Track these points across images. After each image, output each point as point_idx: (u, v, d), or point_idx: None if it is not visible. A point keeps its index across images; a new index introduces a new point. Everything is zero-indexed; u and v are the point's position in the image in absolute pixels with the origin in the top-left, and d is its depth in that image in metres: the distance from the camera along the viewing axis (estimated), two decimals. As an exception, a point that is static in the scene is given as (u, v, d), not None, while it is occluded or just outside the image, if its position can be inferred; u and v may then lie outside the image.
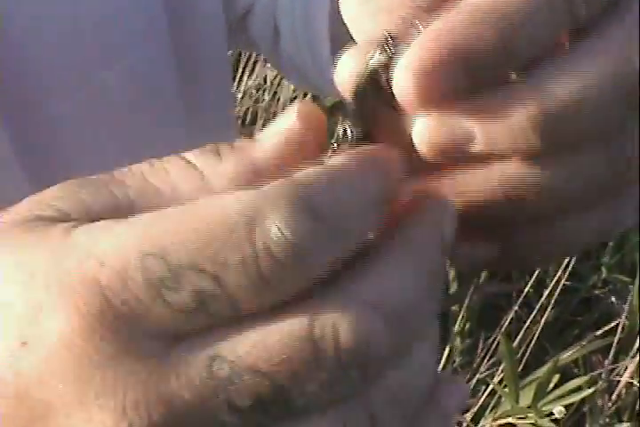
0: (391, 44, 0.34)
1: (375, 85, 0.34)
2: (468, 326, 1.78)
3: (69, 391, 0.30)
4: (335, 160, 0.33)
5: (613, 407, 1.65)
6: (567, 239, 0.36)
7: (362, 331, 0.30)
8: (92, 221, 0.32)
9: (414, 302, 0.31)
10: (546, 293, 1.62)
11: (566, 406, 1.38)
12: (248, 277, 0.30)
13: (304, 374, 0.30)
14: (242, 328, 0.30)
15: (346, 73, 0.35)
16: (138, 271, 0.30)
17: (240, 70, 1.93)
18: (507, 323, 1.63)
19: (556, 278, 1.61)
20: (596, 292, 1.85)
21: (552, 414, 1.36)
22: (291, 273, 0.30)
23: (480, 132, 0.33)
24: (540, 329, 1.61)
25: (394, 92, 0.33)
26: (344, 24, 0.39)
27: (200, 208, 0.31)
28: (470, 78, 0.32)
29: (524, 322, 1.63)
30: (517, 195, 0.34)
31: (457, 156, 0.34)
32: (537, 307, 1.62)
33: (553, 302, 1.61)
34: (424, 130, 0.34)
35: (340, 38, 0.55)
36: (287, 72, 0.68)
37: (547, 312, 1.61)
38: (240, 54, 1.92)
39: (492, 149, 0.33)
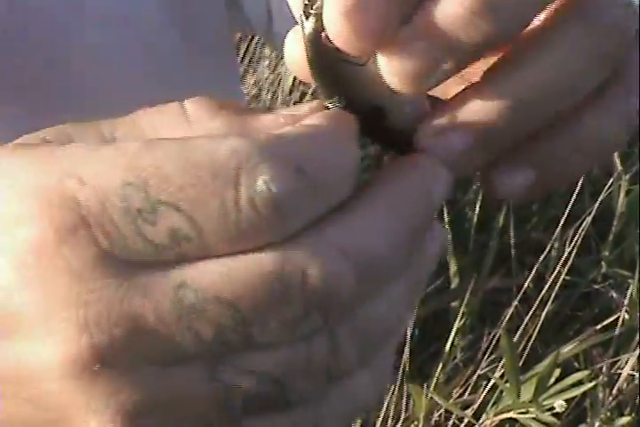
0: (314, 6, 0.33)
1: (322, 49, 0.33)
2: (468, 321, 1.78)
3: (36, 303, 0.30)
4: (318, 120, 0.33)
5: (614, 401, 1.65)
6: (592, 141, 0.35)
7: (329, 273, 0.30)
8: None
9: (387, 254, 0.31)
10: (546, 287, 1.62)
11: (567, 401, 1.38)
12: (225, 225, 0.30)
13: (268, 307, 0.30)
14: (213, 260, 0.31)
15: (292, 53, 0.35)
16: (117, 197, 0.30)
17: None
18: (507, 318, 1.63)
19: (555, 273, 1.61)
20: (596, 286, 1.85)
21: (553, 408, 1.37)
22: (268, 226, 0.30)
23: (437, 45, 0.33)
24: (540, 324, 1.61)
25: (333, 40, 0.32)
26: None
27: (192, 147, 0.30)
28: (399, 4, 0.32)
29: (525, 317, 1.64)
30: (521, 104, 0.34)
31: (435, 79, 0.33)
32: (537, 302, 1.62)
33: (553, 296, 1.61)
34: (390, 66, 0.33)
35: None
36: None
37: (547, 307, 1.61)
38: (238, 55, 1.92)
39: (460, 58, 0.33)
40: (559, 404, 1.33)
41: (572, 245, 1.61)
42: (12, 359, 0.31)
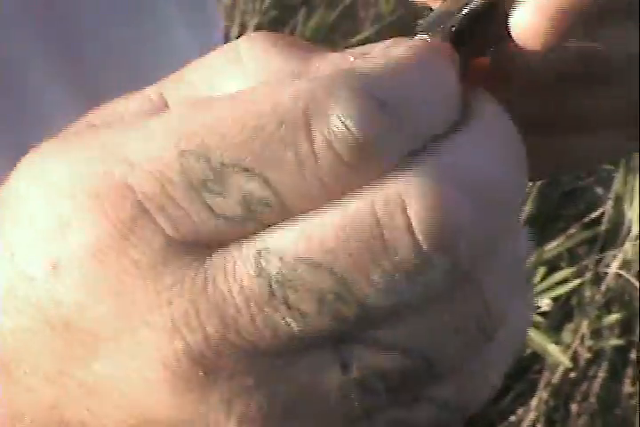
0: None
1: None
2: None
3: (111, 313, 0.26)
4: (398, 48, 0.28)
5: (602, 299, 1.62)
6: None
7: (438, 202, 0.26)
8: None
9: (504, 179, 0.27)
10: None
11: (554, 300, 1.35)
12: (302, 179, 0.26)
13: (370, 261, 0.25)
14: (293, 220, 0.26)
15: None
16: (175, 172, 0.26)
17: None
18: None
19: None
20: (580, 183, 1.81)
21: (539, 307, 1.34)
22: (354, 172, 0.26)
23: None
24: (523, 222, 1.57)
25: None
26: None
27: (244, 96, 0.27)
28: None
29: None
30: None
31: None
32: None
33: (535, 193, 1.57)
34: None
35: None
36: None
37: (529, 205, 1.57)
38: None
39: None
40: (546, 302, 1.30)
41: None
42: (104, 382, 0.27)
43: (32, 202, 0.28)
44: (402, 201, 0.26)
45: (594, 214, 1.65)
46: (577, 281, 1.37)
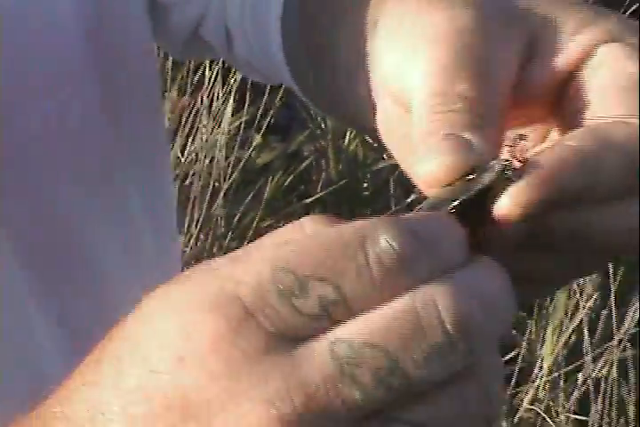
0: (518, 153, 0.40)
1: (485, 194, 0.39)
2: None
3: (223, 391, 0.34)
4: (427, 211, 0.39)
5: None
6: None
7: (458, 301, 0.34)
8: None
9: (501, 296, 0.36)
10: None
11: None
12: (362, 283, 0.35)
13: (413, 343, 0.34)
14: (356, 316, 0.35)
15: (434, 173, 0.41)
16: (271, 284, 0.34)
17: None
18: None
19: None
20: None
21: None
22: (396, 278, 0.35)
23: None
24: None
25: (496, 210, 0.39)
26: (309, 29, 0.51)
27: (316, 233, 0.36)
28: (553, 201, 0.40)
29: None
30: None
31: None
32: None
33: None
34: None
35: (292, 35, 0.59)
36: (247, 73, 0.70)
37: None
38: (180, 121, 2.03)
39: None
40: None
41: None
42: None
43: (167, 317, 0.35)
44: (435, 301, 0.34)
45: (510, 355, 1.78)
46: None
